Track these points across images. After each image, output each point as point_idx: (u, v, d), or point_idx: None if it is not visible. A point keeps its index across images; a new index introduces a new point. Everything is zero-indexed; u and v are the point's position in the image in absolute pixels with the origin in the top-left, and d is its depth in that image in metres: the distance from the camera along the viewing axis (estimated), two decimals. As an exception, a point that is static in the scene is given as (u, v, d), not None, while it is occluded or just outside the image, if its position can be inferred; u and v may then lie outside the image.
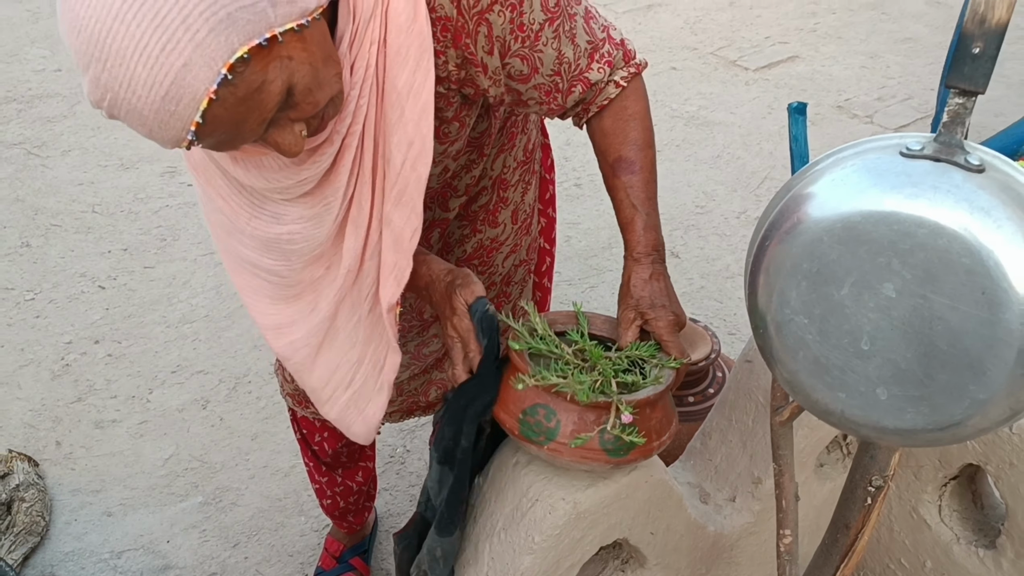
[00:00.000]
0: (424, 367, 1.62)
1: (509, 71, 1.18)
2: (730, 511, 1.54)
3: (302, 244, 1.17)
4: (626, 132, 1.27)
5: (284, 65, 0.92)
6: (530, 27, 1.14)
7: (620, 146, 1.27)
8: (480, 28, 1.11)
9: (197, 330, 2.72)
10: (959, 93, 0.88)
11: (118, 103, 0.88)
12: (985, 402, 0.88)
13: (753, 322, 1.02)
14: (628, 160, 1.27)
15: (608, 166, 1.28)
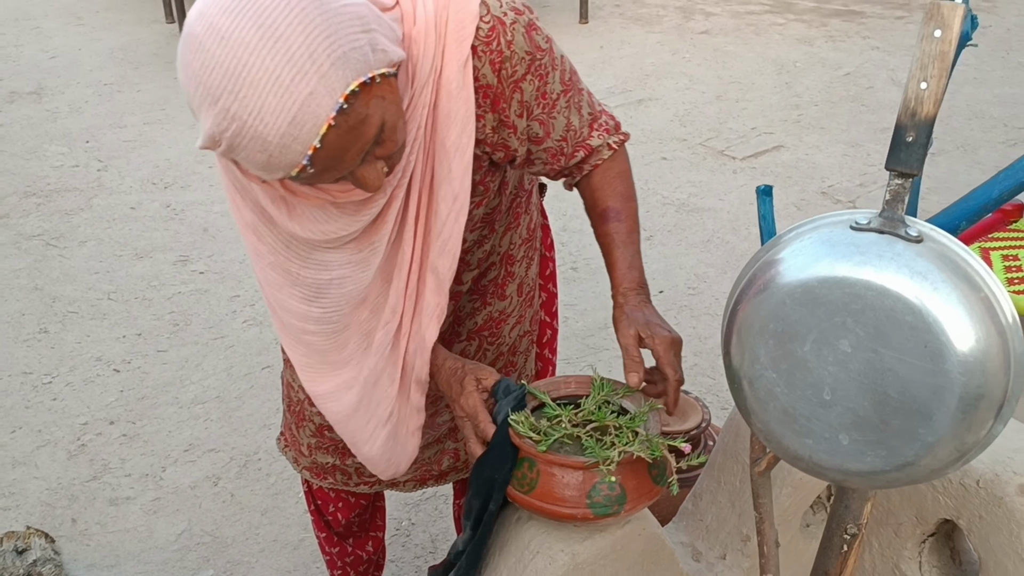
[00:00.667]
0: (437, 436, 1.72)
1: (529, 133, 1.34)
2: (721, 568, 1.63)
3: (351, 287, 1.31)
4: (614, 187, 1.44)
5: (379, 103, 1.07)
6: (550, 96, 1.32)
7: (608, 198, 1.43)
8: (515, 95, 1.28)
9: (209, 410, 2.82)
10: (897, 175, 1.01)
11: (243, 131, 1.01)
12: (933, 444, 0.99)
13: (729, 379, 1.13)
14: (615, 210, 1.43)
15: (597, 215, 1.44)
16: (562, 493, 1.24)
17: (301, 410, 1.70)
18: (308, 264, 1.30)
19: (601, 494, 1.24)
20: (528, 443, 1.27)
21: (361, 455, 1.49)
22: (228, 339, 3.15)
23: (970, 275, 0.98)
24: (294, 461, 1.80)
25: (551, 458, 1.26)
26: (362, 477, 1.75)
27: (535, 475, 1.27)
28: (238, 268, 3.56)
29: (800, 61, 5.58)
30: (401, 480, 1.77)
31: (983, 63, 5.49)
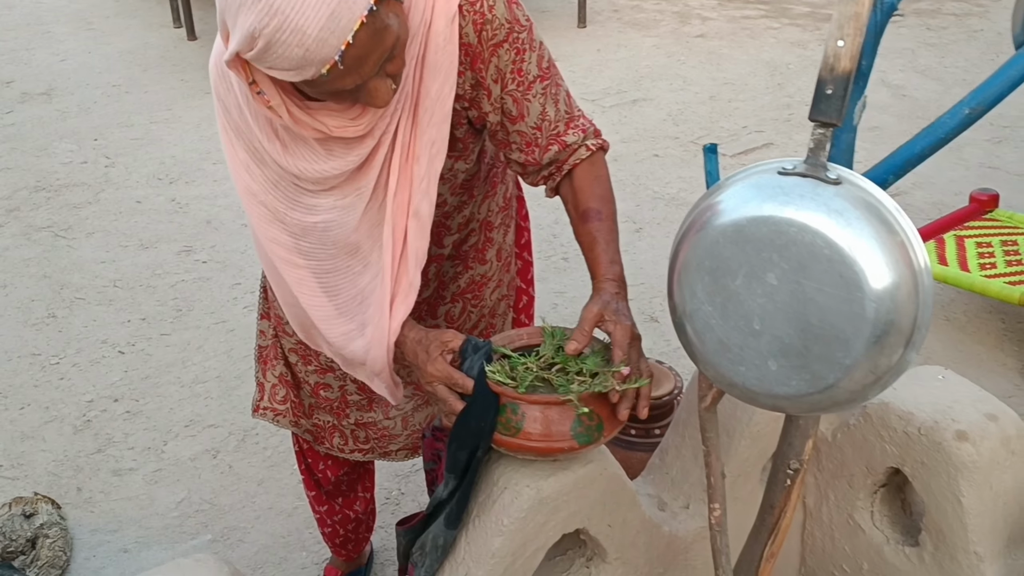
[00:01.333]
0: (426, 399, 1.82)
1: (504, 106, 1.44)
2: (684, 517, 1.73)
3: (336, 231, 1.42)
4: (593, 188, 1.51)
5: (395, 19, 1.21)
6: (526, 75, 1.42)
7: (588, 199, 1.50)
8: (492, 58, 1.40)
9: (209, 389, 2.93)
10: (819, 125, 1.12)
11: (284, 25, 1.13)
12: (851, 367, 1.09)
13: (674, 320, 1.24)
14: (595, 210, 1.50)
15: (578, 215, 1.51)
16: (548, 429, 1.34)
17: (295, 373, 1.80)
18: (295, 206, 1.41)
19: (582, 424, 1.34)
20: (509, 389, 1.37)
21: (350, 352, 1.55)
22: (229, 323, 3.26)
23: (884, 215, 1.09)
24: (293, 424, 1.86)
25: (534, 399, 1.35)
26: (357, 443, 1.85)
27: (519, 417, 1.36)
28: (240, 258, 3.67)
29: (793, 63, 5.69)
30: (393, 449, 1.87)
31: (973, 65, 5.59)
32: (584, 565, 1.65)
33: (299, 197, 1.41)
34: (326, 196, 1.41)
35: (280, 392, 1.86)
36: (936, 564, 1.61)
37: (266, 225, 1.45)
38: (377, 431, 1.83)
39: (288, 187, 1.40)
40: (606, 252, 1.49)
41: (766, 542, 1.42)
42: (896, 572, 1.69)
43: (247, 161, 1.40)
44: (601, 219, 1.52)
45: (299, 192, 1.41)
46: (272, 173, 1.40)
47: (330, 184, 1.40)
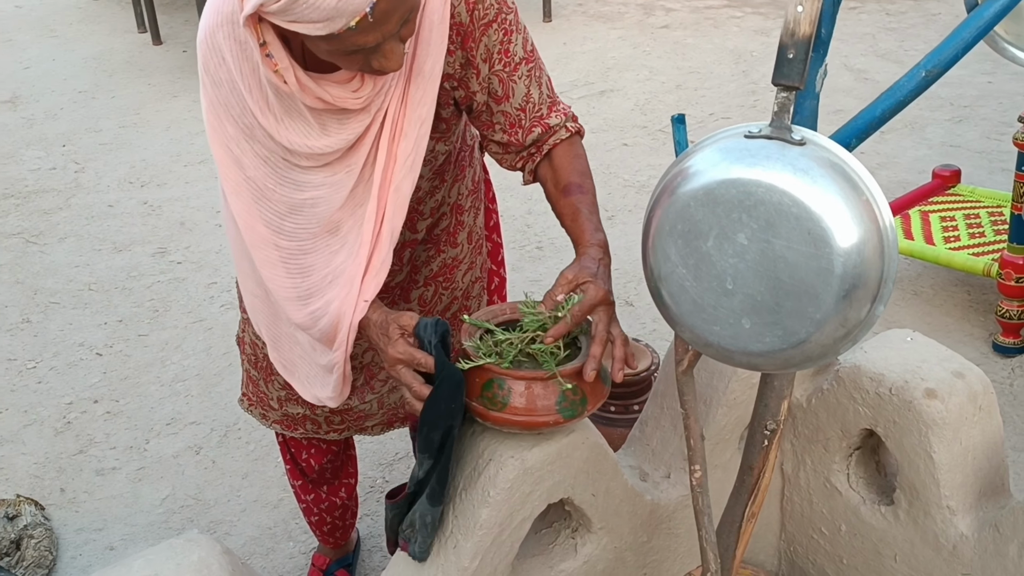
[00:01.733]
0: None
1: (491, 86, 1.47)
2: (666, 486, 1.76)
3: (323, 207, 1.43)
4: (574, 165, 1.54)
5: None
6: (512, 56, 1.46)
7: (569, 175, 1.53)
8: (483, 38, 1.43)
9: (189, 387, 2.94)
10: (783, 88, 1.16)
11: None
12: (822, 321, 1.13)
13: (650, 286, 1.27)
14: (576, 184, 1.53)
15: (559, 191, 1.53)
16: (533, 404, 1.37)
17: (268, 365, 1.78)
18: (284, 182, 1.42)
19: (567, 399, 1.37)
20: (494, 364, 1.39)
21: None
22: (207, 322, 3.27)
23: (848, 174, 1.13)
24: (262, 417, 1.89)
25: (520, 374, 1.37)
26: (331, 425, 1.86)
27: (505, 392, 1.38)
28: (215, 257, 3.67)
29: (757, 51, 5.76)
30: (369, 425, 1.89)
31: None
32: (570, 536, 1.68)
33: (288, 173, 1.42)
34: (316, 173, 1.42)
35: (250, 385, 1.89)
36: (911, 520, 1.65)
37: (251, 204, 1.45)
38: (352, 415, 1.85)
39: (278, 162, 1.41)
40: (589, 220, 1.51)
41: (747, 503, 1.46)
42: (873, 531, 1.73)
43: (236, 136, 1.40)
44: (583, 192, 1.54)
45: (289, 168, 1.41)
46: (262, 148, 1.40)
47: (323, 161, 1.41)
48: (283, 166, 1.42)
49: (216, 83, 1.38)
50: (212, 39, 1.36)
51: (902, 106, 1.29)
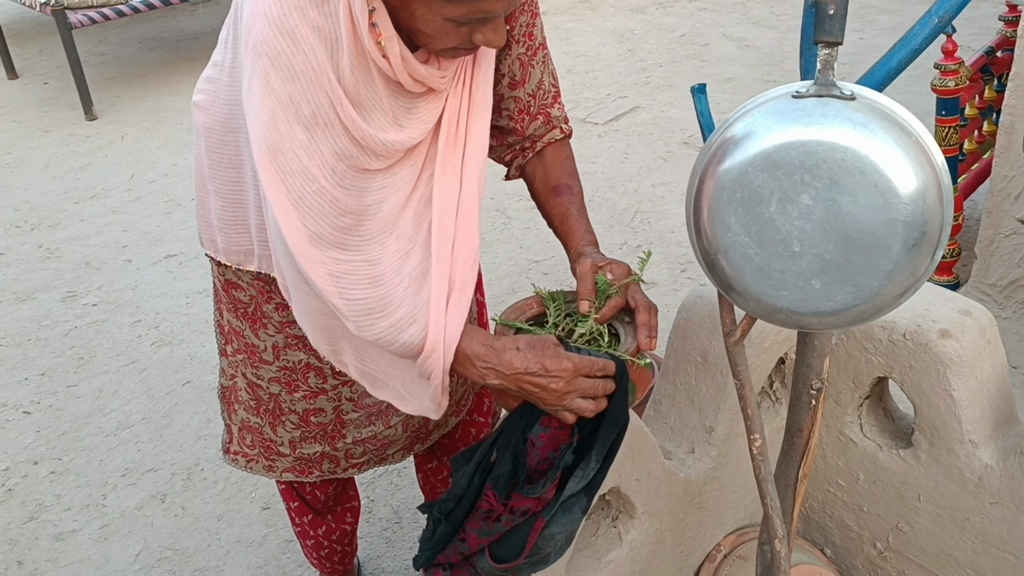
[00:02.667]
0: None
1: (512, 68, 1.43)
2: (692, 461, 1.76)
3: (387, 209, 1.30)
4: (565, 166, 1.53)
5: None
6: (535, 40, 1.43)
7: (560, 175, 1.51)
8: (519, 16, 1.40)
9: (137, 433, 2.76)
10: (825, 45, 1.15)
11: None
12: (892, 272, 1.14)
13: (704, 259, 1.25)
14: (566, 185, 1.51)
15: (549, 191, 1.51)
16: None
17: (276, 406, 1.67)
18: (349, 189, 1.27)
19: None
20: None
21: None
22: (139, 363, 3.08)
23: (900, 122, 1.13)
24: (267, 470, 1.75)
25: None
26: (350, 460, 1.75)
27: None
28: (132, 295, 3.47)
29: (638, 29, 5.86)
30: (391, 453, 1.79)
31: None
32: (611, 525, 1.65)
33: (353, 180, 1.28)
34: (380, 175, 1.30)
35: (247, 437, 1.75)
36: (933, 459, 1.70)
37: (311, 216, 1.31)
38: (376, 442, 1.74)
39: (344, 172, 1.27)
40: (579, 222, 1.50)
41: (799, 464, 1.46)
42: (893, 475, 1.78)
43: (304, 141, 1.24)
44: (572, 193, 1.53)
45: (355, 173, 1.28)
46: (333, 150, 1.25)
47: (393, 159, 1.30)
48: (349, 172, 1.27)
49: (291, 77, 1.20)
50: (283, 25, 1.19)
51: (917, 54, 1.31)
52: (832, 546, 1.96)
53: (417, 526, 2.37)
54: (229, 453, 1.79)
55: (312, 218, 1.26)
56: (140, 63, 5.96)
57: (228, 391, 1.74)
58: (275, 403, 1.67)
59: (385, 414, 1.72)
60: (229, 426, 1.77)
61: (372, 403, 1.69)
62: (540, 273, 3.43)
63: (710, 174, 1.20)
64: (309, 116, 1.23)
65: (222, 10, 6.74)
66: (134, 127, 5.01)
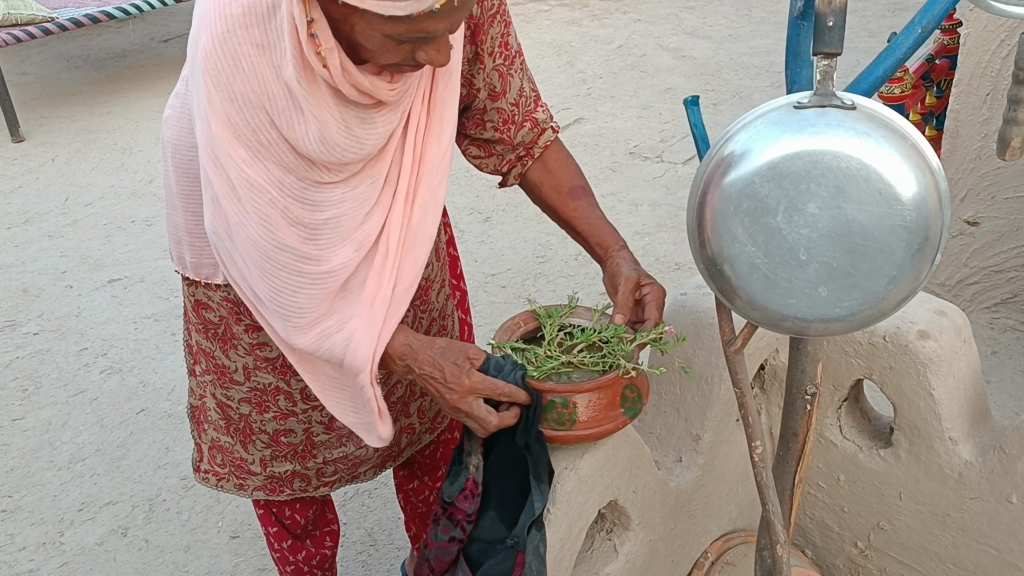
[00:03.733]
0: (394, 415, 1.72)
1: (491, 81, 1.41)
2: (680, 470, 1.77)
3: (346, 225, 1.29)
4: (571, 166, 1.52)
5: None
6: (511, 49, 1.41)
7: (572, 178, 1.51)
8: (490, 29, 1.37)
9: (92, 466, 2.67)
10: (824, 56, 1.17)
11: None
12: (897, 277, 1.16)
13: (708, 269, 1.25)
14: (581, 187, 1.51)
15: (563, 195, 1.50)
16: (600, 413, 1.33)
17: (247, 426, 1.65)
18: (303, 205, 1.27)
19: (628, 400, 1.35)
20: (552, 384, 1.33)
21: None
22: (89, 392, 2.98)
23: (899, 129, 1.16)
24: (238, 488, 1.73)
25: (586, 387, 1.33)
26: (322, 479, 1.73)
27: (571, 409, 1.33)
28: (76, 321, 3.35)
29: (574, 41, 5.90)
30: (362, 471, 1.76)
31: (732, 22, 6.03)
32: (606, 539, 1.65)
33: (307, 193, 1.27)
34: (336, 188, 1.28)
35: (218, 456, 1.72)
36: (913, 457, 1.74)
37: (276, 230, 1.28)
38: (348, 462, 1.72)
39: (293, 185, 1.26)
40: (606, 225, 1.51)
41: (795, 468, 1.48)
42: (874, 475, 1.81)
43: (249, 159, 1.23)
44: (588, 195, 1.53)
45: (307, 187, 1.26)
46: (277, 169, 1.24)
47: (346, 173, 1.27)
48: (298, 188, 1.26)
49: (230, 97, 1.20)
50: (225, 46, 1.18)
51: (901, 62, 1.34)
52: (813, 547, 1.99)
53: (392, 548, 2.33)
54: (200, 472, 1.76)
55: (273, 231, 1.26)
56: (66, 83, 5.78)
57: (198, 410, 1.72)
58: (245, 423, 1.65)
59: (357, 436, 1.69)
60: (199, 445, 1.74)
61: (342, 426, 1.66)
62: (497, 286, 3.43)
63: (713, 186, 1.21)
64: (250, 135, 1.22)
65: (148, 27, 6.59)
66: (64, 148, 4.85)
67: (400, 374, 1.42)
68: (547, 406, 1.33)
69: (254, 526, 2.37)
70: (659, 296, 1.44)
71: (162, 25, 6.64)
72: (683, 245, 3.58)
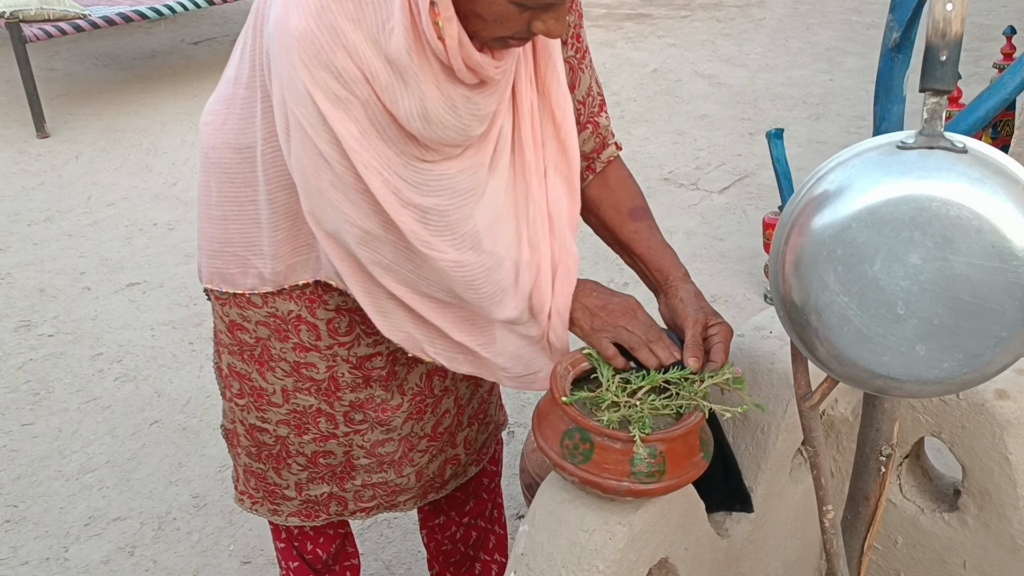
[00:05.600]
0: (441, 446, 1.64)
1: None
2: (730, 524, 1.65)
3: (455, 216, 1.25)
4: (632, 186, 1.45)
5: None
6: (583, 42, 1.36)
7: (633, 197, 1.44)
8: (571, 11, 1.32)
9: (102, 478, 2.57)
10: (934, 93, 1.07)
11: None
12: (1007, 338, 1.05)
13: (791, 317, 1.15)
14: (643, 208, 1.43)
15: (624, 216, 1.43)
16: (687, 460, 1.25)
17: (283, 449, 1.57)
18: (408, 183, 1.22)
19: (704, 443, 1.28)
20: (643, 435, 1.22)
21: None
22: (102, 400, 2.88)
23: (1015, 177, 1.05)
24: (272, 513, 1.65)
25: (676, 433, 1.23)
26: (359, 503, 1.64)
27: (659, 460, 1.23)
28: (92, 325, 3.27)
29: (608, 63, 5.82)
30: (401, 500, 1.67)
31: (768, 51, 5.94)
32: (650, 597, 1.54)
33: (407, 172, 1.21)
34: (437, 167, 1.23)
35: (251, 480, 1.65)
36: (982, 524, 1.62)
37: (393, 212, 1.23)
38: (387, 488, 1.64)
39: (396, 162, 1.21)
40: (667, 250, 1.43)
41: (864, 535, 1.37)
42: (935, 540, 1.69)
43: (359, 136, 1.18)
44: (649, 218, 1.46)
45: (407, 165, 1.21)
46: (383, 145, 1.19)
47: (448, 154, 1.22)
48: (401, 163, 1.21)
49: (335, 75, 1.13)
50: (321, 22, 1.11)
51: (1006, 102, 1.24)
52: (862, 611, 1.87)
53: (411, 582, 2.23)
54: (237, 491, 1.69)
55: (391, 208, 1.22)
56: (94, 80, 5.74)
57: (230, 434, 1.65)
58: (282, 446, 1.57)
59: (398, 464, 1.62)
60: (236, 466, 1.68)
61: (385, 452, 1.60)
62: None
63: (803, 228, 1.11)
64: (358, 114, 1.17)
65: (179, 29, 6.55)
66: (89, 146, 4.79)
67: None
68: (633, 459, 1.22)
69: (267, 551, 2.27)
70: (727, 337, 1.35)
71: (192, 27, 6.60)
72: (719, 276, 3.48)
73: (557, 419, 1.27)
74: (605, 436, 1.24)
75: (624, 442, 1.23)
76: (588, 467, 1.24)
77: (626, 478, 1.23)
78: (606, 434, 1.23)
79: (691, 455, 1.25)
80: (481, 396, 1.71)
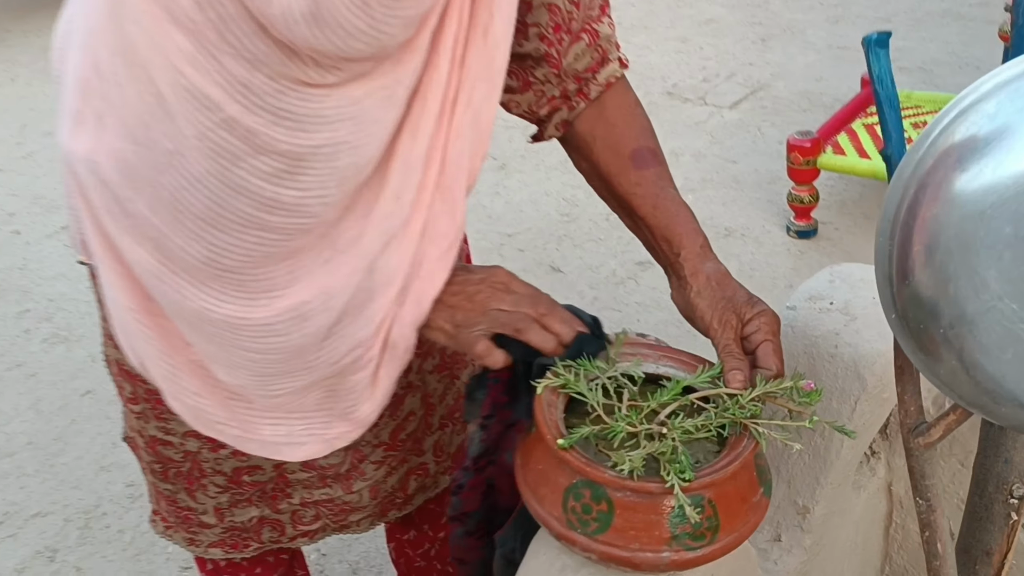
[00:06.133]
0: (402, 456, 1.28)
1: None
2: (779, 553, 1.29)
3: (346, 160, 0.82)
4: (638, 120, 1.08)
5: None
6: None
7: (637, 136, 1.06)
8: None
9: (21, 463, 2.20)
10: None
11: None
12: None
13: (914, 324, 0.75)
14: (650, 150, 1.06)
15: (623, 159, 1.06)
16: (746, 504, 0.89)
17: (194, 467, 1.21)
18: (280, 119, 0.79)
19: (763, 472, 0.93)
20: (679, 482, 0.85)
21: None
22: (27, 366, 2.50)
23: None
24: (189, 543, 1.31)
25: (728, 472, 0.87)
26: (299, 526, 1.29)
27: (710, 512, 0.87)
28: (19, 276, 2.87)
29: None
30: (354, 520, 1.32)
31: None
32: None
33: (283, 103, 0.79)
34: (328, 98, 0.80)
35: (161, 502, 1.30)
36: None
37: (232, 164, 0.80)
38: (334, 507, 1.29)
39: (264, 88, 0.78)
40: (681, 210, 1.06)
41: (982, 600, 1.00)
42: (1035, 562, 1.34)
43: (191, 53, 0.77)
44: (659, 163, 1.08)
45: (281, 93, 0.78)
46: (238, 66, 0.77)
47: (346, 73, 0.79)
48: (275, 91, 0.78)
49: None
50: None
51: None
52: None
53: (381, 585, 1.89)
54: (152, 510, 1.34)
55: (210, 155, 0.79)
56: (34, -8, 5.21)
57: (131, 442, 1.28)
58: (192, 463, 1.21)
59: (345, 477, 1.27)
60: (148, 483, 1.31)
61: (328, 464, 1.24)
62: (515, 249, 2.92)
63: (938, 191, 0.70)
64: (193, 12, 0.75)
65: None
66: (26, 68, 4.32)
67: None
68: (672, 516, 0.85)
69: (213, 553, 1.92)
70: (775, 329, 0.98)
71: (145, -69, 6.02)
72: (733, 205, 3.07)
73: (553, 471, 0.88)
74: (628, 491, 0.85)
75: (656, 495, 0.85)
76: (609, 537, 0.86)
77: (665, 545, 0.86)
78: (629, 488, 0.85)
79: (748, 496, 0.88)
80: (458, 390, 1.35)
